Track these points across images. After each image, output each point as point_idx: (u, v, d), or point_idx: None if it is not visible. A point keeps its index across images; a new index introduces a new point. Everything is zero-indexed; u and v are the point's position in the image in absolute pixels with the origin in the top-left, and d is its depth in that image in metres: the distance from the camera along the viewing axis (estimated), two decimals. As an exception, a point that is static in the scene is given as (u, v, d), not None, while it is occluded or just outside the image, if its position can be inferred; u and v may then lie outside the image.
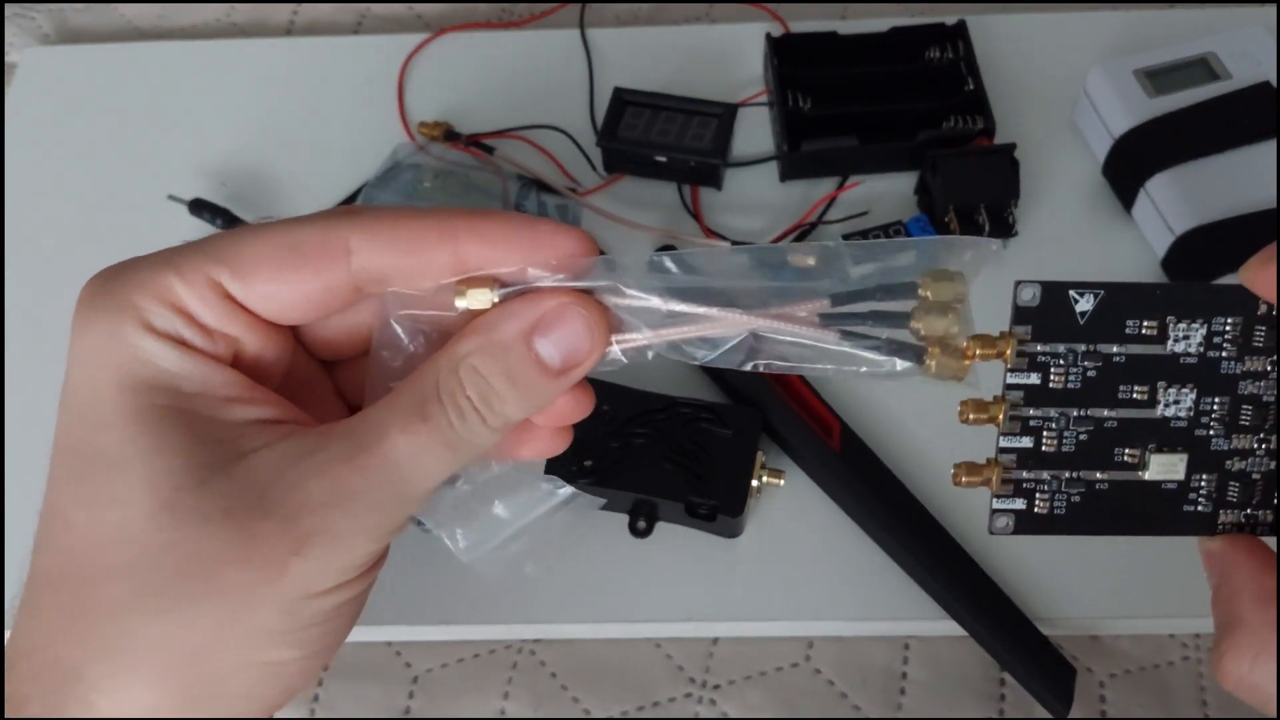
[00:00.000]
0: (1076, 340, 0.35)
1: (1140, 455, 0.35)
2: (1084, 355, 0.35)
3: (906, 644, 0.47)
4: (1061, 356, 0.35)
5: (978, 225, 0.53)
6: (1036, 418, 0.35)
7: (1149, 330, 0.35)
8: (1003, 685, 0.46)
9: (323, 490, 0.27)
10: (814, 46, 0.58)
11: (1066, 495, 0.36)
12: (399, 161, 0.56)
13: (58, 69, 0.64)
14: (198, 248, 0.29)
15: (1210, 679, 0.46)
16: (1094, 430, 0.35)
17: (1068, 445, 0.35)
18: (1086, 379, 0.35)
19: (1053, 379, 0.35)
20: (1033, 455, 0.35)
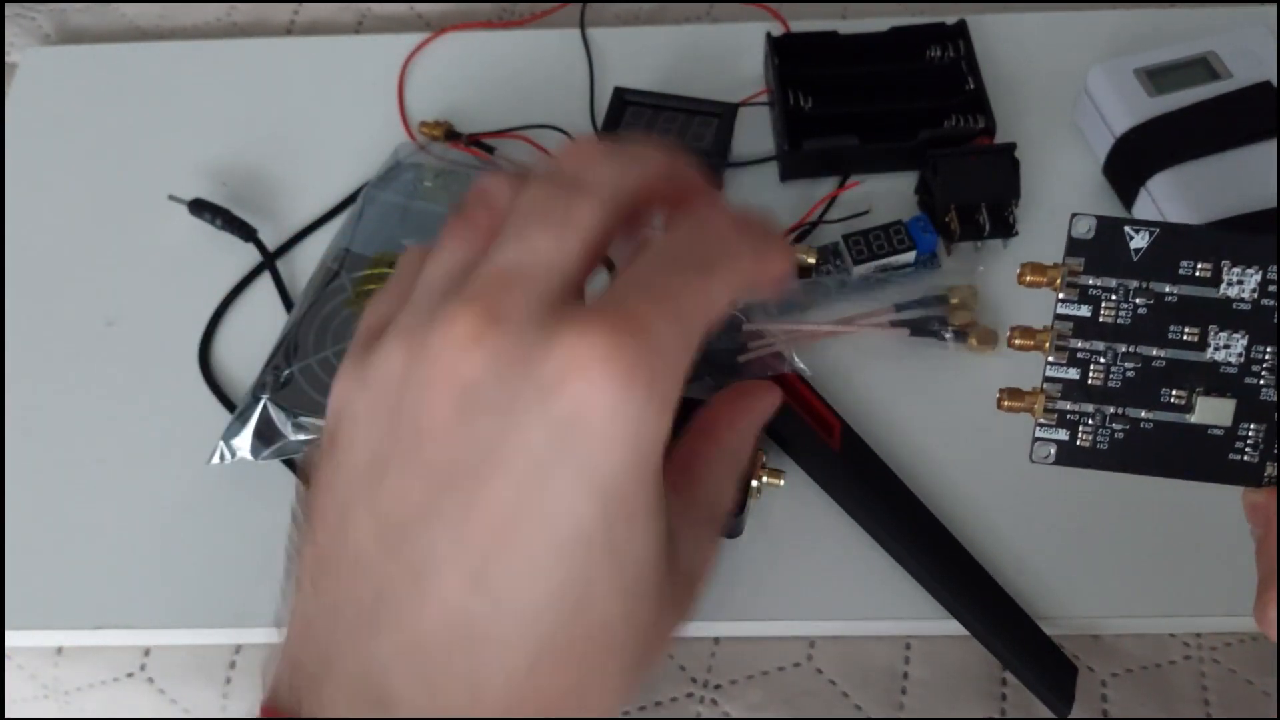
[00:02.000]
0: (1129, 276, 0.35)
1: (1187, 397, 0.35)
2: (1135, 292, 0.35)
3: (908, 643, 0.47)
4: (1113, 291, 0.35)
5: (978, 225, 0.53)
6: (1084, 350, 0.35)
7: (1203, 272, 0.34)
8: (1004, 685, 0.46)
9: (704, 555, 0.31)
10: (814, 46, 0.59)
11: (1110, 431, 0.35)
12: (400, 161, 0.56)
13: (58, 69, 0.64)
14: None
15: (1212, 678, 0.46)
16: (1141, 368, 0.35)
17: (1114, 381, 0.35)
18: (1137, 316, 0.35)
19: (1103, 313, 0.35)
20: (1078, 387, 0.35)
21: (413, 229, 0.53)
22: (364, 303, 0.50)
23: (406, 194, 0.55)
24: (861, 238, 0.53)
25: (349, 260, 0.52)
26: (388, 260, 0.52)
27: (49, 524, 0.50)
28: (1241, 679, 0.46)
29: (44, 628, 0.48)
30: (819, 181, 0.57)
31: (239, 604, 0.47)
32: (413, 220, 0.54)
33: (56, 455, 0.51)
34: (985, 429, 0.50)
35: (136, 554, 0.49)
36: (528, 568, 0.26)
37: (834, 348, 0.52)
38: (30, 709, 0.48)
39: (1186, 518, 0.47)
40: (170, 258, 0.56)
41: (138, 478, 0.50)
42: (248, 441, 0.48)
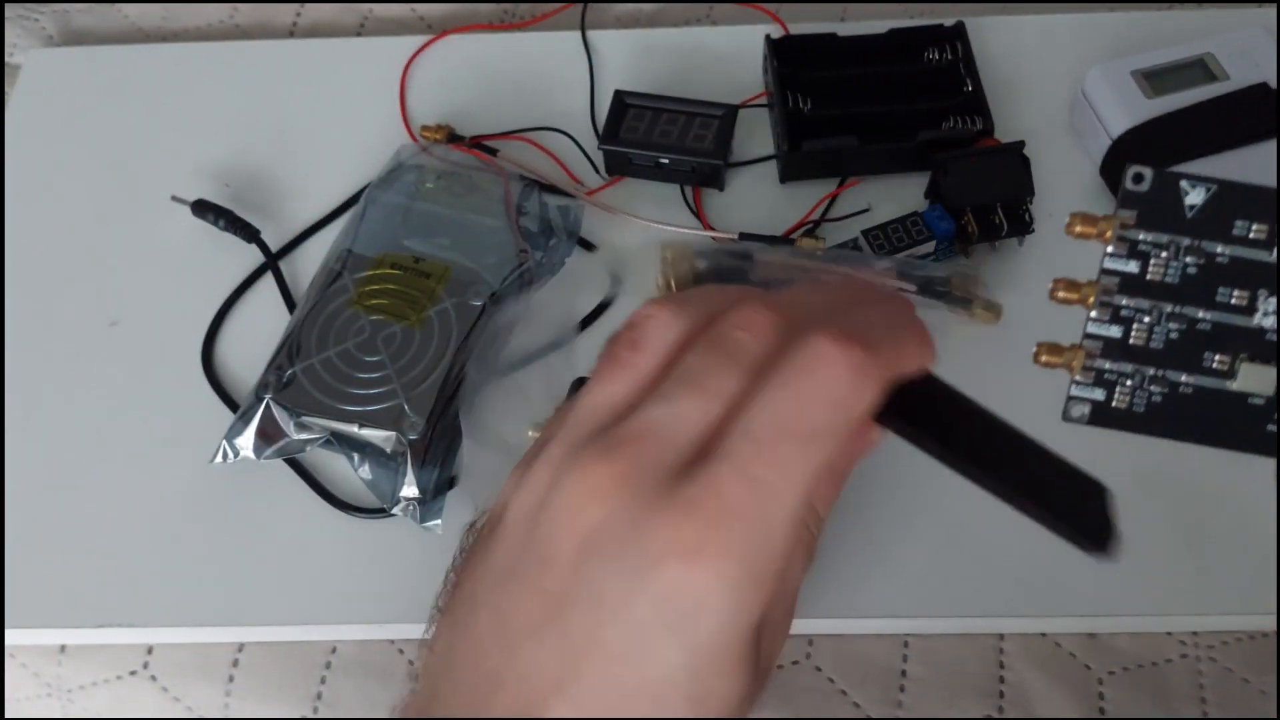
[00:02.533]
0: (1181, 233, 0.34)
1: (1230, 363, 0.34)
2: (1187, 250, 0.34)
3: (906, 641, 0.47)
4: (1164, 248, 0.34)
5: (995, 225, 0.53)
6: (1129, 308, 0.34)
7: (1257, 234, 0.33)
8: (1002, 683, 0.46)
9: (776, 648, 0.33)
10: (813, 48, 0.59)
11: (1148, 393, 0.35)
12: (402, 163, 0.57)
13: (61, 70, 0.64)
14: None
15: (1209, 676, 0.46)
16: (1186, 330, 0.34)
17: (1157, 341, 0.34)
18: (1186, 275, 0.34)
19: (1151, 270, 0.34)
20: (1119, 346, 0.34)
21: (414, 230, 0.54)
22: (366, 303, 0.50)
23: (408, 195, 0.55)
24: (880, 232, 0.54)
25: (351, 261, 0.52)
26: (389, 261, 0.52)
27: (52, 522, 0.50)
28: (1238, 677, 0.46)
29: (47, 626, 0.48)
30: (819, 183, 0.57)
31: (242, 602, 0.47)
32: (414, 221, 0.54)
33: (59, 454, 0.51)
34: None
35: (139, 552, 0.49)
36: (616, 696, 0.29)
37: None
38: (33, 707, 0.48)
39: (1185, 516, 0.47)
40: (173, 258, 0.57)
41: (140, 477, 0.50)
42: (250, 441, 0.48)
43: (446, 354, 0.50)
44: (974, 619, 0.47)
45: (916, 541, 0.47)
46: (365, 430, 0.48)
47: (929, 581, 0.47)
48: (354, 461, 0.48)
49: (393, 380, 0.49)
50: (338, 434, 0.48)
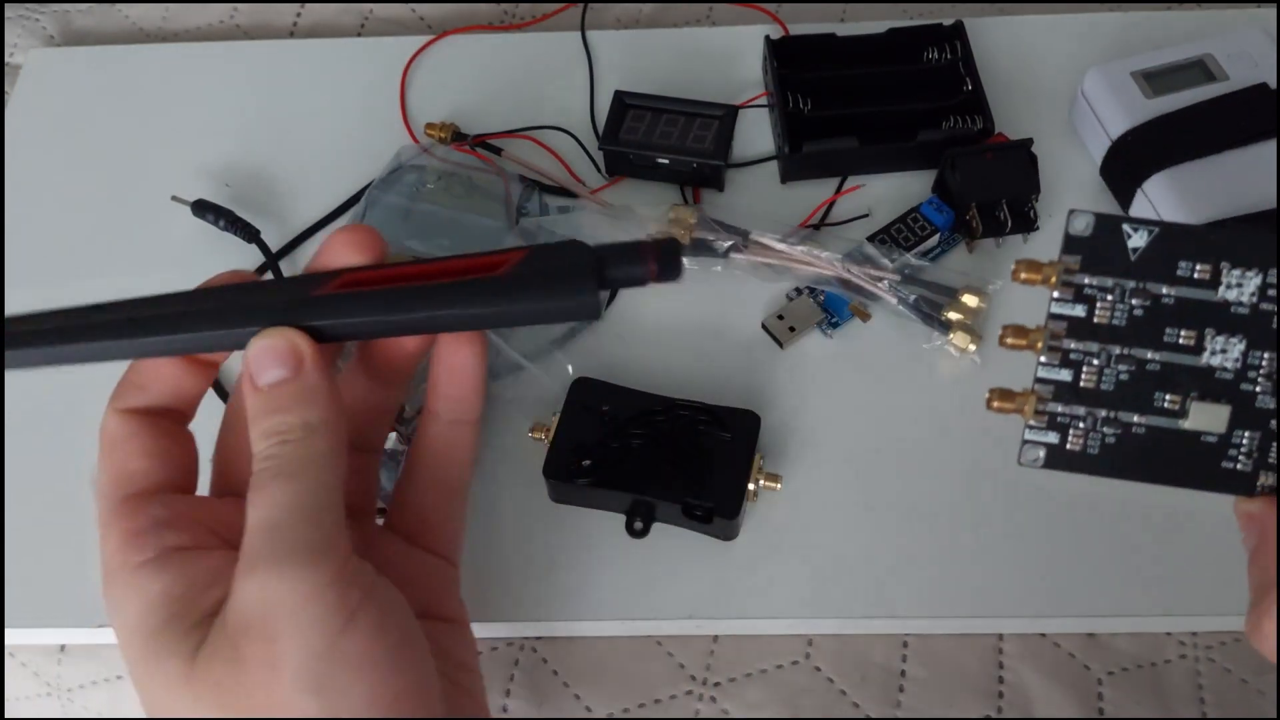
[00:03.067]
0: (1126, 276, 0.34)
1: (1181, 402, 0.34)
2: (1132, 292, 0.34)
3: (905, 641, 0.47)
4: (1109, 291, 0.34)
5: (999, 221, 0.53)
6: (1078, 351, 0.34)
7: (1201, 274, 0.34)
8: (1001, 683, 0.46)
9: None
10: (813, 48, 0.59)
11: (1101, 435, 0.35)
12: (403, 163, 0.57)
13: (61, 70, 0.64)
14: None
15: (1208, 677, 0.46)
16: (1135, 371, 0.34)
17: (1107, 383, 0.34)
18: (1133, 317, 0.34)
19: (1098, 314, 0.34)
20: (1070, 389, 0.35)
21: (415, 230, 0.54)
22: None
23: (409, 196, 0.55)
24: (885, 234, 0.54)
25: None
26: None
27: (52, 522, 0.50)
28: (1237, 678, 0.46)
29: (46, 626, 0.48)
30: (819, 183, 0.57)
31: (241, 602, 0.47)
32: (415, 222, 0.54)
33: (60, 453, 0.51)
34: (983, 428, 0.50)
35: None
36: None
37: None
38: (33, 707, 0.48)
39: (1183, 517, 0.47)
40: (173, 258, 0.57)
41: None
42: None
43: None
44: (974, 619, 0.47)
45: (916, 541, 0.47)
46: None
47: (929, 581, 0.47)
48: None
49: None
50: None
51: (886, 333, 0.52)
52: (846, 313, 0.53)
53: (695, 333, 0.53)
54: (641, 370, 0.51)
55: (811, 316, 0.53)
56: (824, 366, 0.52)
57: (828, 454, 0.50)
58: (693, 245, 0.54)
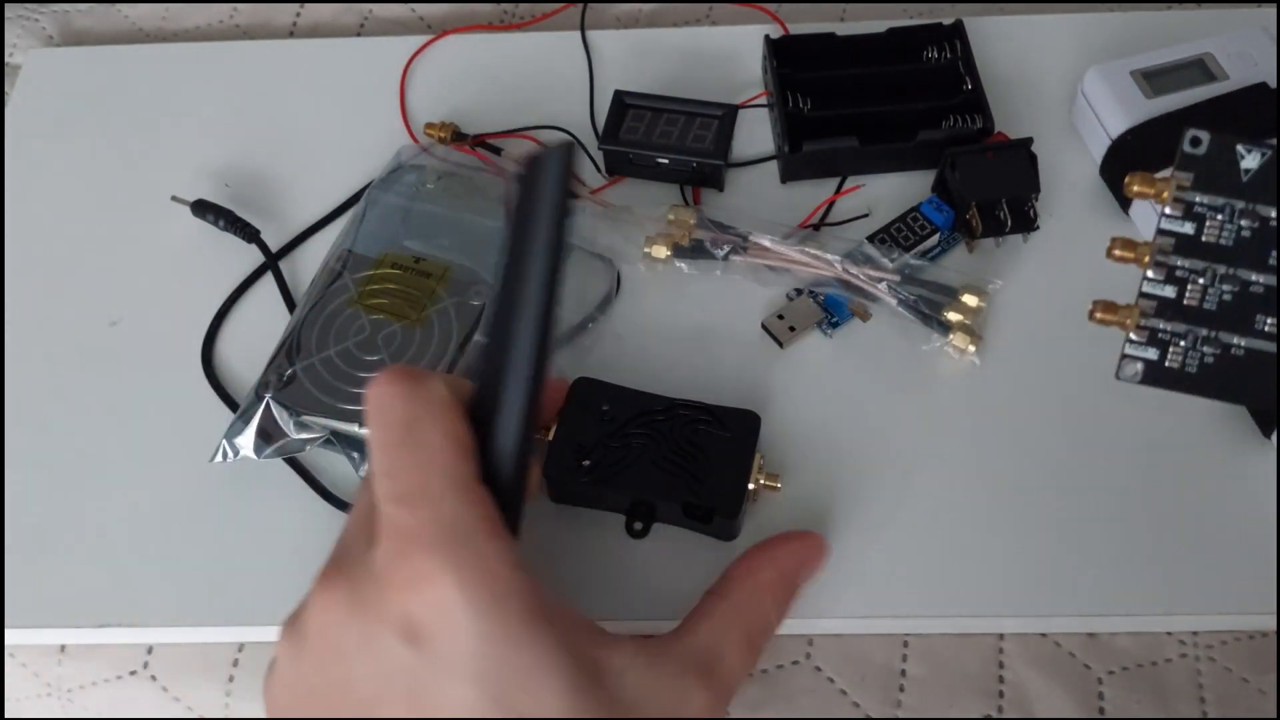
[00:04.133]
0: (1236, 196, 0.35)
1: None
2: (1241, 213, 0.35)
3: (906, 641, 0.47)
4: (1219, 210, 0.35)
5: (999, 220, 0.53)
6: (1183, 269, 0.35)
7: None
8: (1002, 683, 0.46)
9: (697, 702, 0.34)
10: (812, 48, 0.59)
11: (1201, 354, 0.35)
12: (403, 163, 0.57)
13: (61, 71, 0.64)
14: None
15: (1208, 676, 0.46)
16: (1239, 292, 0.35)
17: (1210, 303, 0.35)
18: (1240, 238, 0.35)
19: (1206, 232, 0.35)
20: (1173, 306, 0.35)
21: (415, 230, 0.54)
22: (366, 302, 0.51)
23: (409, 196, 0.55)
24: (885, 235, 0.54)
25: (352, 261, 0.53)
26: (390, 261, 0.52)
27: (52, 522, 0.50)
28: (1237, 677, 0.46)
29: (47, 626, 0.48)
30: (820, 182, 0.57)
31: (242, 602, 0.47)
32: (415, 222, 0.54)
33: (60, 453, 0.51)
34: (983, 427, 0.50)
35: (140, 552, 0.49)
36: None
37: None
38: (33, 707, 0.48)
39: (1183, 515, 0.47)
40: (173, 258, 0.57)
41: (141, 476, 0.50)
42: (250, 440, 0.49)
43: (447, 353, 0.50)
44: (974, 619, 0.47)
45: (916, 541, 0.47)
46: (365, 429, 0.48)
47: (929, 581, 0.47)
48: (355, 460, 0.49)
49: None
50: (338, 433, 0.48)
51: (886, 333, 0.52)
52: (846, 313, 0.53)
53: (695, 333, 0.53)
54: (641, 370, 0.51)
55: (811, 316, 0.53)
56: (824, 367, 0.52)
57: (827, 453, 0.50)
58: (692, 247, 0.54)
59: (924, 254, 0.54)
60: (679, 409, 0.48)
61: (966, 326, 0.51)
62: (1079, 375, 0.50)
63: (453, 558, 0.31)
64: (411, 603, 0.31)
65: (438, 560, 0.31)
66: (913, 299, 0.52)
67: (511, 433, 0.34)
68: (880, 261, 0.53)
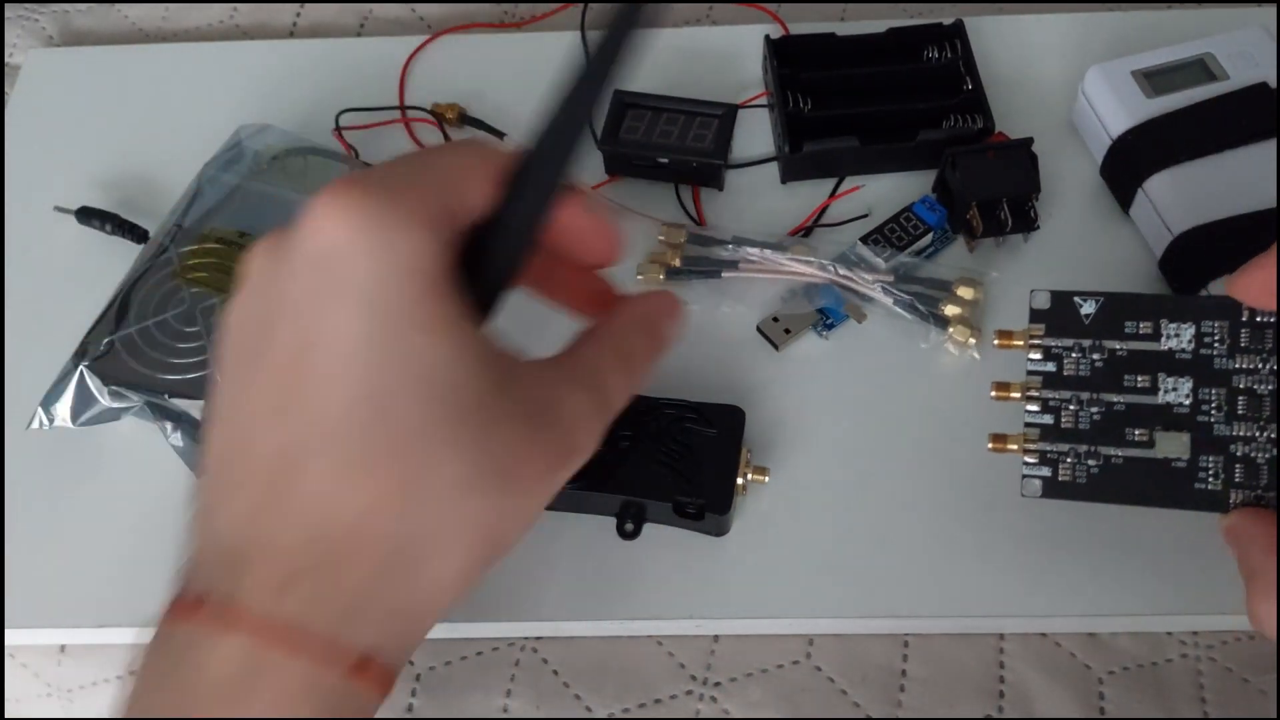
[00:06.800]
0: (1083, 336, 0.41)
1: (1149, 434, 0.40)
2: (1091, 349, 0.41)
3: (906, 641, 0.47)
4: (1071, 349, 0.41)
5: (1000, 220, 0.53)
6: (1055, 399, 0.41)
7: (1145, 329, 0.41)
8: (1002, 683, 0.46)
9: (579, 411, 0.32)
10: (812, 48, 0.59)
11: (1087, 467, 0.41)
12: (240, 142, 0.57)
13: (61, 70, 0.64)
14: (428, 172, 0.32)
15: (1209, 676, 0.46)
16: (1105, 412, 0.41)
17: (1084, 423, 0.41)
18: (1095, 368, 0.41)
19: (1066, 367, 0.41)
20: (1054, 430, 0.41)
21: (245, 207, 0.54)
22: (188, 276, 0.51)
23: (243, 175, 0.56)
24: (879, 235, 0.54)
25: (180, 235, 0.53)
26: (215, 237, 0.53)
27: (51, 522, 0.50)
28: (1238, 677, 0.46)
29: (47, 626, 0.48)
30: (819, 183, 0.57)
31: (241, 602, 0.47)
32: (248, 200, 0.55)
33: (59, 454, 0.51)
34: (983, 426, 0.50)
35: (139, 552, 0.49)
36: (318, 390, 0.29)
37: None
38: (33, 708, 0.48)
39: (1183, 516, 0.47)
40: (173, 258, 0.57)
41: (141, 475, 0.50)
42: (67, 408, 0.49)
43: None
44: (974, 619, 0.47)
45: (916, 541, 0.47)
46: (176, 400, 0.49)
47: (929, 581, 0.47)
48: (166, 430, 0.49)
49: (208, 350, 0.50)
50: (151, 403, 0.49)
51: (883, 333, 0.52)
52: (842, 314, 0.53)
53: (689, 336, 0.53)
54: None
55: (806, 319, 0.53)
56: (820, 368, 0.52)
57: (825, 454, 0.50)
58: (684, 263, 0.54)
59: (918, 254, 0.54)
60: (664, 408, 0.48)
61: (964, 319, 0.51)
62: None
63: (360, 199, 0.29)
64: (319, 228, 0.29)
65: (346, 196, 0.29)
66: (908, 298, 0.52)
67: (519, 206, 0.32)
68: (873, 262, 0.53)
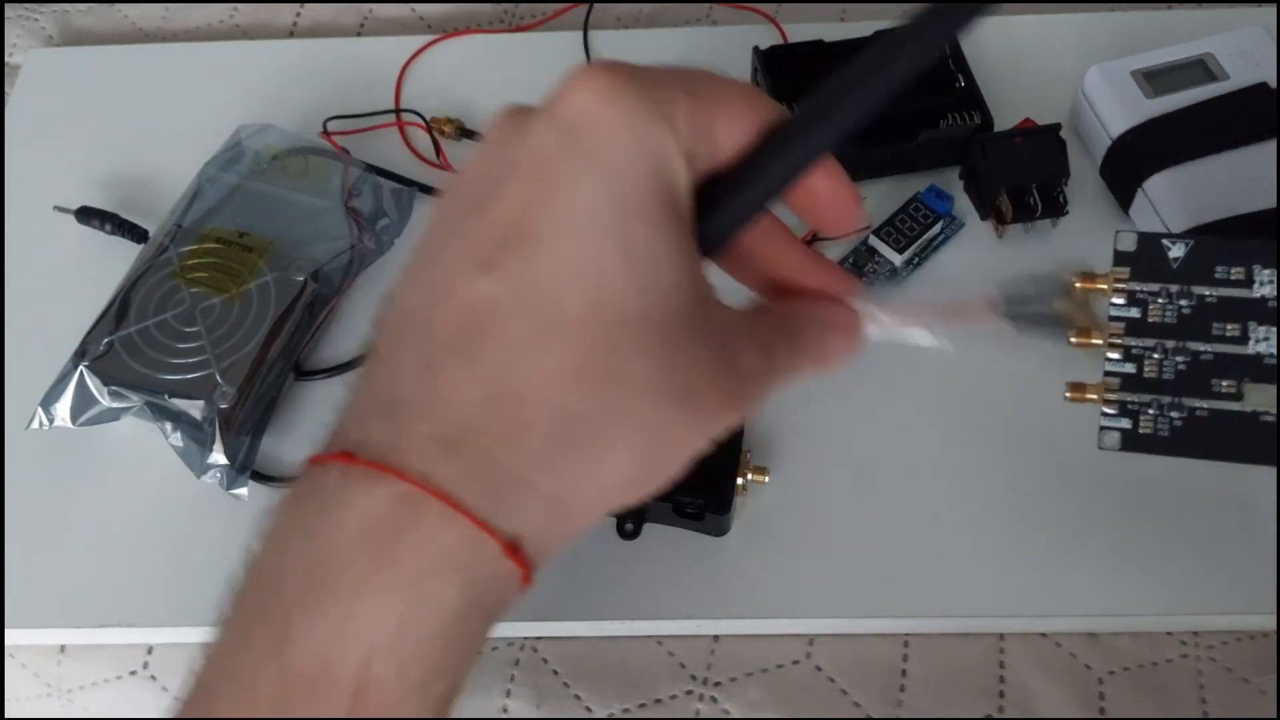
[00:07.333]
0: (1170, 281, 0.39)
1: (1236, 386, 0.38)
2: (1179, 294, 0.39)
3: (906, 641, 0.47)
4: (1158, 295, 0.39)
5: (1029, 206, 0.53)
6: (1138, 347, 0.39)
7: (1237, 275, 0.39)
8: (1002, 683, 0.46)
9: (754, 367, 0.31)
10: (802, 56, 0.58)
11: (1170, 419, 0.39)
12: (240, 142, 0.57)
13: (61, 70, 0.64)
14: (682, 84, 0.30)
15: (1209, 676, 0.46)
16: (1191, 361, 0.39)
17: (1168, 373, 0.39)
18: (1182, 316, 0.39)
19: (1151, 314, 0.39)
20: (1136, 380, 0.39)
21: (245, 207, 0.54)
22: (188, 276, 0.51)
23: (244, 175, 0.56)
24: (890, 227, 0.55)
25: (180, 235, 0.53)
26: (214, 237, 0.53)
27: (51, 522, 0.50)
28: (1238, 677, 0.46)
29: (47, 626, 0.48)
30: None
31: (241, 602, 0.47)
32: (246, 199, 0.55)
33: (59, 454, 0.51)
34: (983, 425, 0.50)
35: (139, 552, 0.49)
36: (532, 249, 0.28)
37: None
38: (33, 708, 0.48)
39: (1184, 516, 0.47)
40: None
41: (141, 475, 0.50)
42: (66, 408, 0.49)
43: (264, 326, 0.50)
44: (974, 619, 0.47)
45: (916, 541, 0.47)
46: (175, 400, 0.48)
47: (929, 581, 0.47)
48: (166, 431, 0.49)
49: (207, 351, 0.49)
50: (151, 404, 0.49)
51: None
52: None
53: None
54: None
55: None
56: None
57: (825, 454, 0.50)
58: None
59: (928, 242, 0.54)
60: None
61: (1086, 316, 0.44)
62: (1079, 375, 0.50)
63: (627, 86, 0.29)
64: (577, 98, 0.29)
65: (614, 77, 0.29)
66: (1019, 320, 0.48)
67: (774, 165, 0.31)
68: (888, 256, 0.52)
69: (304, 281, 0.52)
